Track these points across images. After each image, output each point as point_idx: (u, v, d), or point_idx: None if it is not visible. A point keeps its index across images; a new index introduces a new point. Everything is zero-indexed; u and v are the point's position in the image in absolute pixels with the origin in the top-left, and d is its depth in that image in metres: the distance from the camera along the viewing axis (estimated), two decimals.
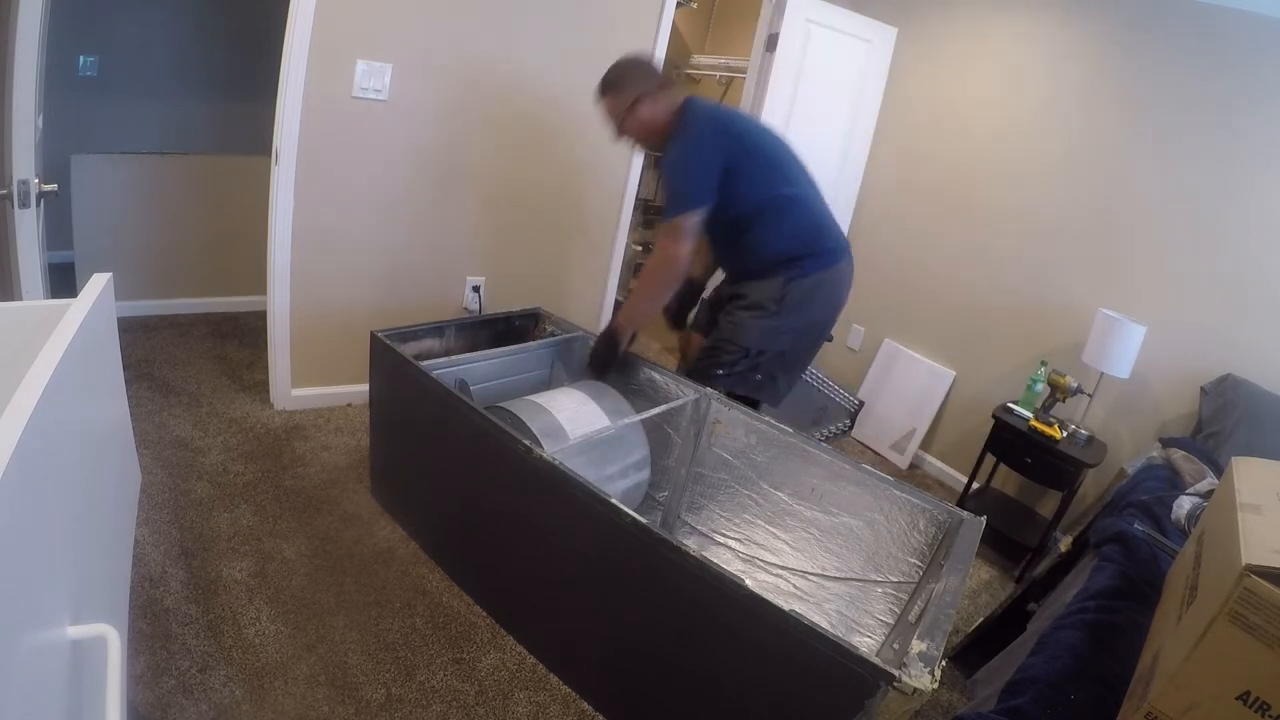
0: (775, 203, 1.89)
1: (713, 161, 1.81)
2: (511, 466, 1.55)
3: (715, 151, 1.81)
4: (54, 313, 0.89)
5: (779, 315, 1.92)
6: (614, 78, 1.90)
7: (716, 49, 4.37)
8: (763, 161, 1.88)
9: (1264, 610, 0.78)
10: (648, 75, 1.91)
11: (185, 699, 1.37)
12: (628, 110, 1.87)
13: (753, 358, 1.96)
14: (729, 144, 1.83)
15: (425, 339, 2.06)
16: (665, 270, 1.85)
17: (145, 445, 2.09)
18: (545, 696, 1.55)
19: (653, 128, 1.89)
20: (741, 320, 1.95)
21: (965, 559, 1.37)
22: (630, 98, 1.86)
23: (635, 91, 1.86)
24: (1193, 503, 1.66)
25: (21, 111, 1.36)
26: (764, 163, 1.88)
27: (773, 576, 1.87)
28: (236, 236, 2.97)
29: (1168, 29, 2.40)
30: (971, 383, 2.98)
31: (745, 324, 1.94)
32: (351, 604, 1.69)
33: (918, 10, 3.09)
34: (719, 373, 1.98)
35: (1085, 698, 1.08)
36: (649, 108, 1.87)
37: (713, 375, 1.99)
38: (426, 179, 2.44)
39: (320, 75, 2.10)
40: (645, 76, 1.90)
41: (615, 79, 1.90)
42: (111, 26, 3.06)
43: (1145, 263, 2.48)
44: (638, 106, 1.86)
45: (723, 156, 1.81)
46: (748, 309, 1.95)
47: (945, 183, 3.04)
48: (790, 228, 1.91)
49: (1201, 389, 2.32)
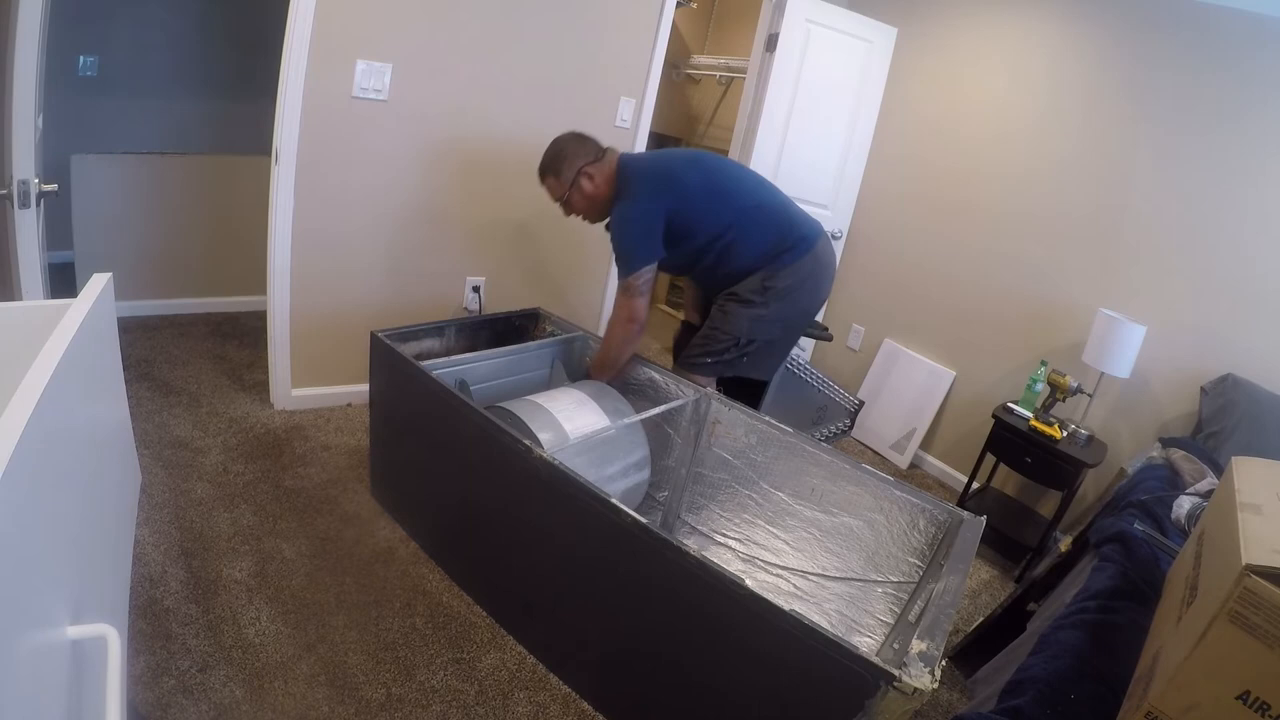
0: (734, 223, 1.94)
1: (654, 218, 1.88)
2: (511, 466, 1.55)
3: (654, 209, 1.88)
4: (54, 313, 0.89)
5: (766, 306, 1.97)
6: (551, 160, 1.96)
7: (716, 49, 4.37)
8: (704, 197, 1.93)
9: (1264, 610, 0.78)
10: (583, 149, 1.96)
11: (185, 699, 1.37)
12: (570, 188, 1.95)
13: (742, 346, 2.01)
14: (665, 199, 1.89)
15: (425, 339, 2.06)
16: (628, 325, 1.95)
17: (145, 445, 2.09)
18: (545, 696, 1.55)
19: (596, 199, 1.97)
20: (732, 310, 1.99)
21: (965, 559, 1.37)
22: (570, 176, 1.94)
23: (574, 168, 1.93)
24: (1193, 503, 1.66)
25: (21, 111, 1.36)
26: (705, 197, 1.93)
27: (773, 576, 1.87)
28: (236, 236, 2.97)
29: (1167, 29, 2.40)
30: (971, 382, 2.98)
31: (736, 314, 1.98)
32: (351, 604, 1.69)
33: (918, 10, 3.09)
34: (708, 360, 2.03)
35: (1085, 698, 1.08)
36: (589, 182, 1.94)
37: (701, 362, 2.04)
38: (426, 179, 2.44)
39: (320, 75, 2.10)
40: (581, 152, 1.95)
41: (553, 161, 1.96)
42: (111, 26, 3.06)
43: (1145, 263, 2.48)
44: (580, 182, 1.94)
45: (662, 209, 1.88)
46: (738, 301, 1.99)
47: (945, 183, 3.04)
48: (757, 237, 1.96)
49: (1201, 389, 2.32)
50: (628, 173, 1.93)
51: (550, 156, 1.97)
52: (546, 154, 1.98)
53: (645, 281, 1.90)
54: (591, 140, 1.99)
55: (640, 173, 1.93)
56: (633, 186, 1.90)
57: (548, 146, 1.99)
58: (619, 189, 1.93)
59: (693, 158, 2.03)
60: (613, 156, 1.97)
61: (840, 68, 3.05)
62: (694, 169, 1.96)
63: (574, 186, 1.94)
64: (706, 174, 1.96)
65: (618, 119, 2.78)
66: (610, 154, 1.98)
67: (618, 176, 1.94)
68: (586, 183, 1.94)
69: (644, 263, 1.89)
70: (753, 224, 1.95)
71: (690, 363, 2.06)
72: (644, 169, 1.95)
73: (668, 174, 1.94)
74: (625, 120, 2.80)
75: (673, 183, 1.92)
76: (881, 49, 3.10)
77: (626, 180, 1.92)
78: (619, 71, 2.72)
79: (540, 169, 1.99)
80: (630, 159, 1.98)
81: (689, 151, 2.10)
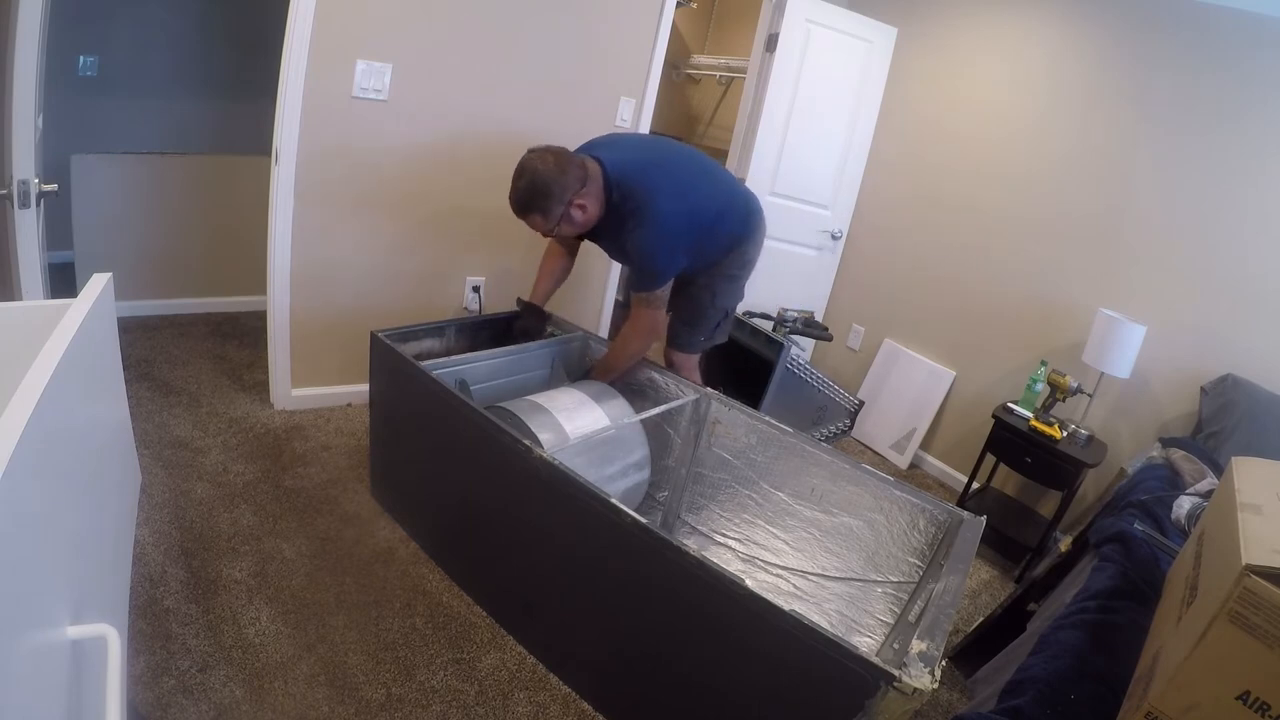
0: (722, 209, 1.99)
1: (680, 237, 1.87)
2: (511, 466, 1.55)
3: (680, 220, 1.85)
4: (54, 313, 0.89)
5: (744, 276, 2.11)
6: (532, 197, 1.74)
7: (716, 49, 4.37)
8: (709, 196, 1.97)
9: (1264, 610, 0.78)
10: (565, 177, 1.74)
11: (185, 699, 1.37)
12: (561, 220, 1.78)
13: (727, 317, 2.16)
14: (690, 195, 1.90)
15: (425, 339, 2.06)
16: (648, 337, 1.99)
17: (145, 445, 2.09)
18: (545, 696, 1.55)
19: (588, 224, 1.85)
20: (721, 288, 2.07)
21: (965, 559, 1.37)
22: (559, 213, 1.76)
23: (562, 203, 1.75)
24: (1193, 503, 1.66)
25: (21, 111, 1.36)
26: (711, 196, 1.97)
27: (773, 576, 1.87)
28: (236, 236, 2.97)
29: (1168, 29, 2.40)
30: (971, 382, 2.98)
31: (724, 290, 2.07)
32: (351, 604, 1.69)
33: (918, 10, 3.09)
34: (700, 339, 2.14)
35: (1085, 698, 1.08)
36: (581, 213, 1.79)
37: (695, 340, 2.13)
38: (427, 179, 2.44)
39: (320, 75, 2.10)
40: (564, 182, 1.74)
41: (535, 198, 1.74)
42: (111, 26, 3.05)
43: (1145, 263, 2.48)
44: (571, 214, 1.78)
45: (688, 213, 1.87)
46: (725, 278, 2.06)
47: (945, 182, 3.04)
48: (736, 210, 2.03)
49: (1201, 389, 2.32)
50: (629, 190, 1.80)
51: (530, 193, 1.74)
52: (523, 188, 1.74)
53: (665, 294, 1.93)
54: (568, 158, 1.77)
55: (650, 193, 1.80)
56: (664, 211, 1.80)
57: (519, 175, 1.75)
58: (629, 209, 1.81)
59: (681, 154, 2.06)
60: (595, 171, 1.80)
61: (840, 68, 3.05)
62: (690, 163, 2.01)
63: (564, 219, 1.79)
64: (695, 166, 2.01)
65: (618, 119, 2.78)
66: (590, 169, 1.80)
67: (614, 191, 1.81)
68: (578, 214, 1.79)
69: (668, 278, 1.91)
70: (729, 202, 2.01)
71: (682, 344, 2.14)
72: (657, 186, 1.83)
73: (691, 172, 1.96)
74: (625, 120, 2.80)
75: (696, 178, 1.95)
76: (881, 49, 3.10)
77: (640, 199, 1.79)
78: (619, 71, 2.72)
79: (518, 205, 1.77)
80: (623, 174, 1.82)
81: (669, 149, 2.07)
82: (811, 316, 2.71)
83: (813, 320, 2.70)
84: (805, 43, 2.93)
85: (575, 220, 1.81)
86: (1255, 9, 2.20)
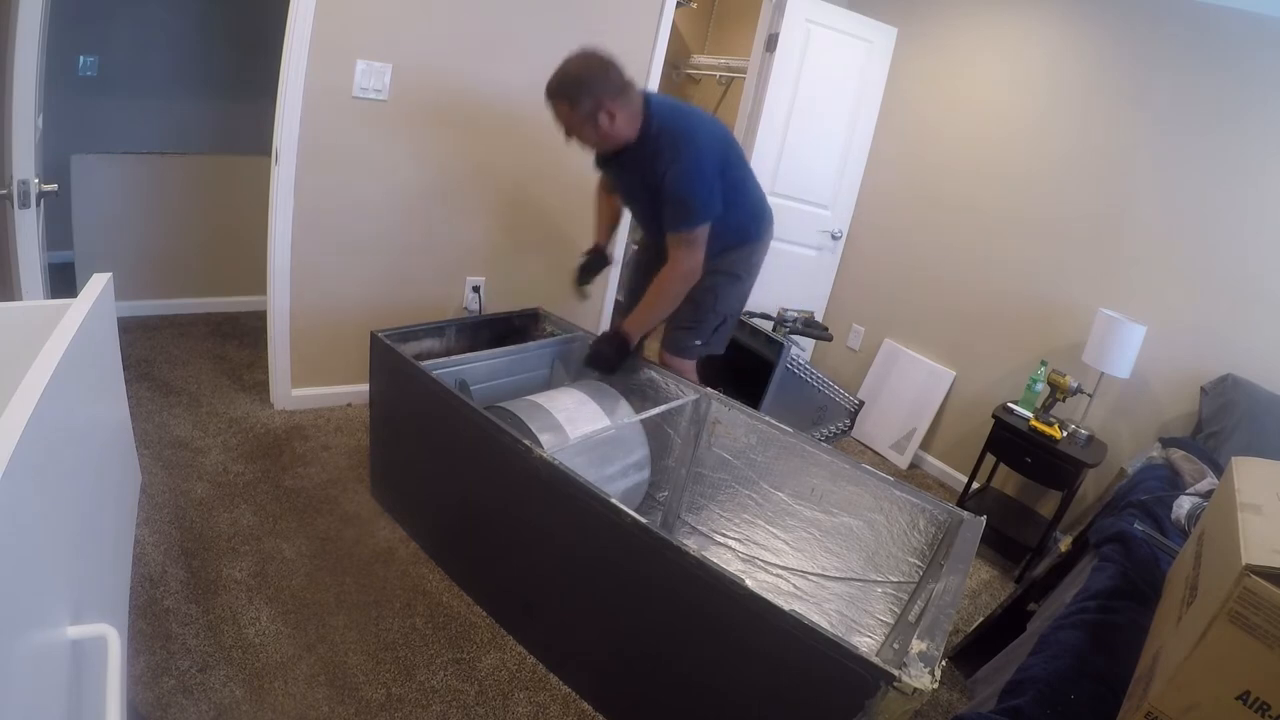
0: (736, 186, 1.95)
1: (714, 173, 1.84)
2: (511, 466, 1.55)
3: (716, 164, 1.85)
4: (54, 313, 0.89)
5: (750, 279, 2.07)
6: (568, 84, 1.73)
7: (716, 49, 4.37)
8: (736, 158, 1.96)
9: (1264, 610, 0.78)
10: (607, 79, 1.74)
11: (185, 699, 1.37)
12: (585, 119, 1.75)
13: (725, 324, 2.09)
14: (723, 152, 1.89)
15: (425, 339, 2.06)
16: (686, 281, 1.89)
17: (145, 445, 2.09)
18: (545, 696, 1.55)
19: (610, 139, 1.81)
20: (723, 288, 2.03)
21: (965, 559, 1.37)
22: (587, 108, 1.73)
23: (594, 100, 1.73)
24: (1193, 503, 1.66)
25: (21, 111, 1.36)
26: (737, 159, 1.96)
27: (773, 576, 1.87)
28: (236, 236, 2.97)
29: (1167, 29, 2.40)
30: (971, 382, 2.98)
31: (726, 292, 2.04)
32: (351, 604, 1.69)
33: (917, 10, 3.09)
34: (697, 343, 2.07)
35: (1085, 698, 1.08)
36: (608, 121, 1.75)
37: (691, 345, 2.08)
38: (426, 179, 2.44)
39: (320, 75, 2.10)
40: (605, 82, 1.73)
41: (570, 85, 1.73)
42: (111, 26, 3.05)
43: (1145, 263, 2.48)
44: (598, 117, 1.74)
45: (720, 165, 1.86)
46: (728, 277, 2.02)
47: (945, 182, 3.04)
48: (750, 203, 2.01)
49: (1201, 389, 2.32)
50: (671, 126, 1.80)
51: (568, 80, 1.73)
52: (563, 74, 1.74)
53: (705, 233, 1.84)
54: (615, 68, 1.75)
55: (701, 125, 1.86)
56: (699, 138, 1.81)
57: (565, 63, 1.75)
58: (665, 142, 1.79)
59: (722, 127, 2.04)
60: (637, 96, 1.79)
61: (840, 68, 3.05)
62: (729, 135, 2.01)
63: (588, 119, 1.74)
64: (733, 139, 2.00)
65: None
66: (634, 91, 1.79)
67: (653, 121, 1.80)
68: (605, 120, 1.74)
69: (708, 217, 1.82)
70: (746, 189, 2.00)
71: (680, 347, 2.08)
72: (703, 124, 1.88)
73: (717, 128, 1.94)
74: None
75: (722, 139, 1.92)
76: (881, 49, 3.10)
77: (680, 133, 1.79)
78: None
79: (551, 90, 1.75)
80: (665, 110, 1.83)
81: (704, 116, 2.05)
82: (811, 316, 2.71)
83: (813, 320, 2.70)
84: (805, 43, 2.93)
85: (600, 126, 1.75)
86: (1255, 9, 2.20)
